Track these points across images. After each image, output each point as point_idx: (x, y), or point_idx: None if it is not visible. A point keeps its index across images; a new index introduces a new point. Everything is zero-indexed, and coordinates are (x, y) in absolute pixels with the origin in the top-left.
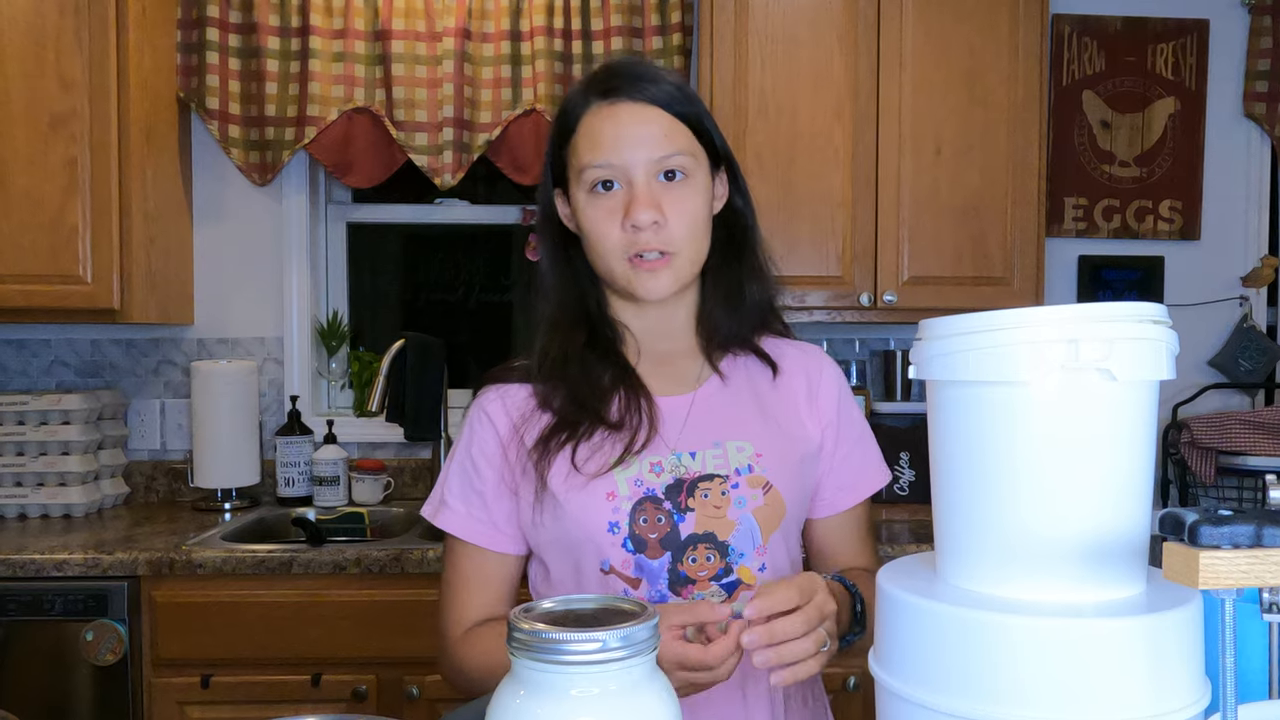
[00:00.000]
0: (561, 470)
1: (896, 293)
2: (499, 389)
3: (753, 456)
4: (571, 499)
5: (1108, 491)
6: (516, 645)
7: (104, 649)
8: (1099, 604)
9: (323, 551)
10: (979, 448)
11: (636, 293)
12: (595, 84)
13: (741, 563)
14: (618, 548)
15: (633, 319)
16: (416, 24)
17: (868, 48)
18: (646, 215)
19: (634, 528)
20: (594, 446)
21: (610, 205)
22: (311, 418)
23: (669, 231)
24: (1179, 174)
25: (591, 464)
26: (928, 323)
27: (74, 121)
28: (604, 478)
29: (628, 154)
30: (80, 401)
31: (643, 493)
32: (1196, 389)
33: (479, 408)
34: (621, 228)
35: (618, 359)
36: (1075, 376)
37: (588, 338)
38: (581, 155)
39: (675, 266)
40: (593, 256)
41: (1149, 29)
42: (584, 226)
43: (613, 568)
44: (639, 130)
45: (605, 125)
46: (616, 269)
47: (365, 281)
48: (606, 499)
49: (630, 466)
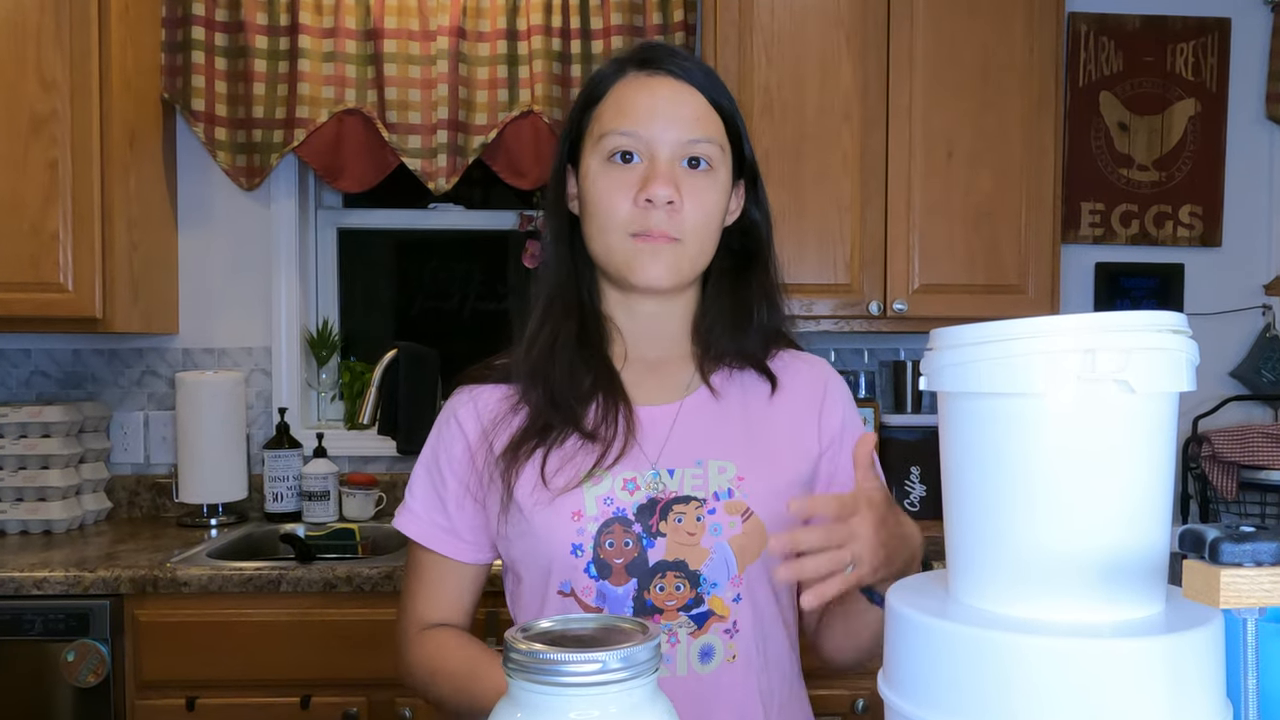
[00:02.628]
0: (529, 482)
1: (906, 301)
2: (471, 390)
3: (734, 480)
4: (536, 515)
5: (1125, 507)
6: (513, 666)
7: (85, 670)
8: (1116, 624)
9: (312, 569)
10: (992, 462)
11: (633, 277)
12: (633, 55)
13: (714, 593)
14: (579, 572)
15: (625, 317)
16: (409, 22)
17: (877, 47)
18: (664, 192)
19: (599, 551)
20: (565, 456)
21: (626, 178)
22: (301, 430)
23: (682, 217)
24: (1199, 178)
25: (560, 477)
26: (939, 332)
27: (54, 123)
28: (571, 495)
29: (657, 128)
30: (61, 414)
31: (611, 513)
32: (1217, 401)
33: (448, 410)
34: (634, 202)
35: (602, 360)
36: (1092, 388)
37: (575, 331)
38: (605, 121)
39: (677, 256)
40: (592, 232)
41: (1169, 28)
42: (591, 197)
43: (573, 591)
44: (673, 107)
45: (639, 94)
46: (616, 246)
47: (356, 289)
48: (572, 519)
49: (601, 482)
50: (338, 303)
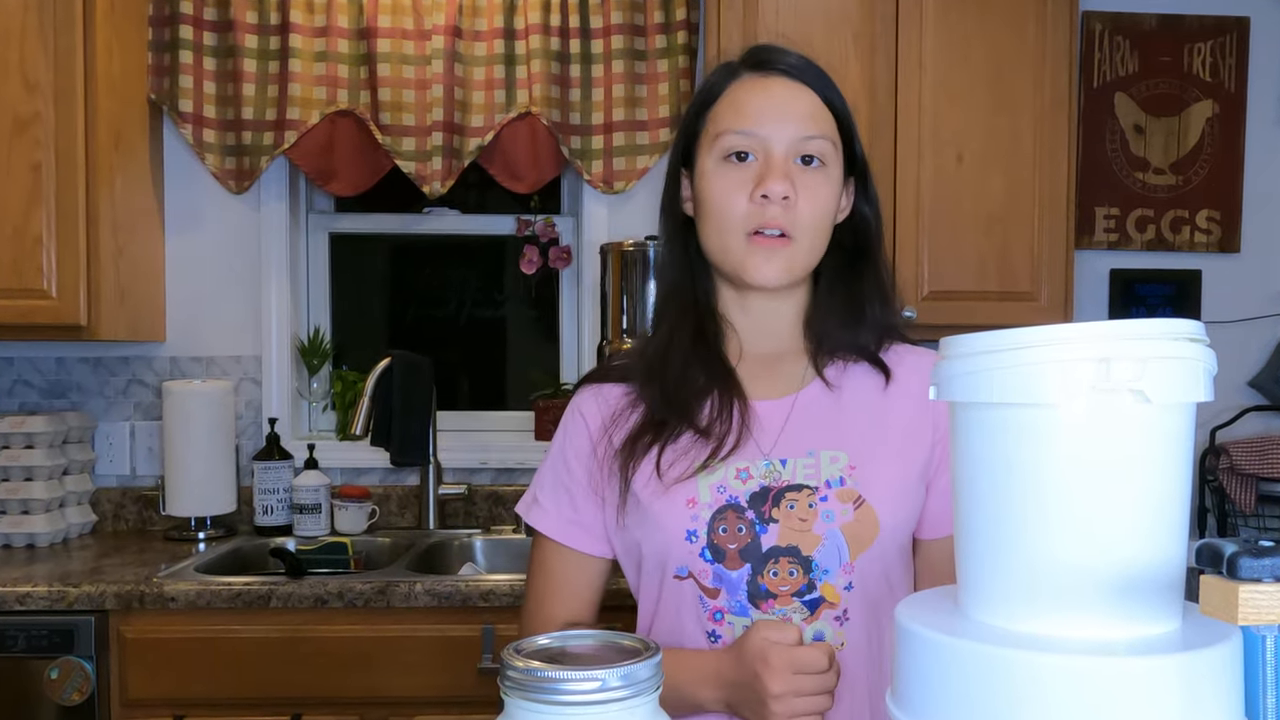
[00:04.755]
0: (645, 473)
1: (915, 308)
2: (594, 388)
3: (845, 469)
4: (653, 504)
5: (1141, 521)
6: (510, 684)
7: (70, 688)
8: (1131, 641)
9: (303, 584)
10: (1003, 474)
11: (747, 276)
12: (746, 59)
13: (826, 579)
14: (695, 556)
15: (739, 314)
16: (404, 21)
17: (885, 47)
18: (780, 187)
19: (712, 537)
20: (680, 450)
21: (741, 176)
22: (291, 441)
23: (797, 212)
24: (1217, 182)
25: (675, 469)
26: (949, 340)
27: (38, 125)
28: (685, 484)
29: (772, 126)
30: (44, 424)
31: (724, 500)
32: (1236, 411)
33: (574, 406)
34: (750, 199)
35: (718, 358)
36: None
37: (691, 330)
38: (721, 121)
39: (791, 254)
40: (708, 232)
41: (1185, 27)
42: (707, 196)
43: (690, 574)
44: (788, 105)
45: (754, 95)
46: (732, 245)
47: (349, 296)
48: (686, 505)
49: (715, 472)
50: (329, 310)
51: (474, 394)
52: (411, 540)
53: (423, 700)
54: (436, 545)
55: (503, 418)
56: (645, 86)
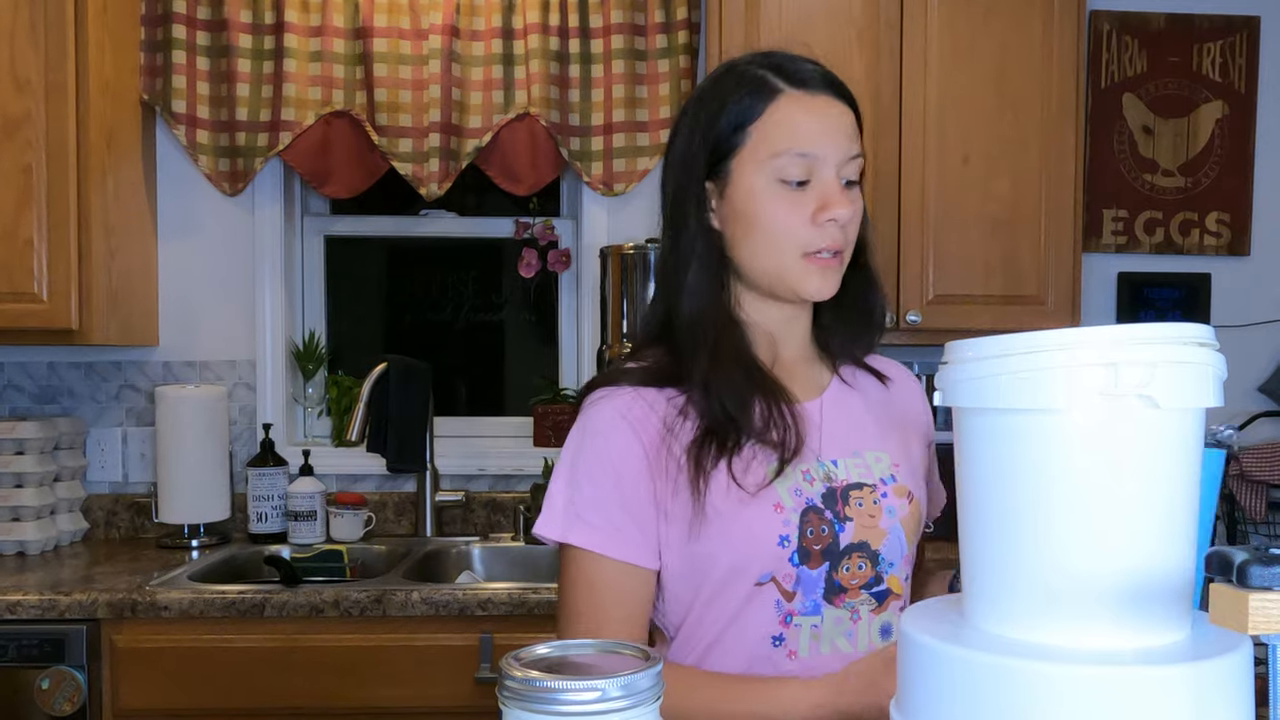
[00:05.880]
0: (719, 483)
1: (921, 312)
2: (634, 391)
3: (891, 466)
4: (739, 513)
5: (1150, 528)
6: (509, 694)
7: (61, 698)
8: (1140, 650)
9: (298, 593)
10: (1010, 481)
11: (804, 292)
12: (781, 71)
13: (891, 572)
14: (784, 561)
15: (764, 320)
16: (400, 20)
17: (889, 48)
18: (846, 212)
19: (802, 540)
20: (747, 457)
21: (800, 198)
22: (286, 447)
23: (849, 231)
24: (1227, 184)
25: (750, 476)
26: (955, 345)
27: (29, 126)
28: (767, 490)
29: (826, 148)
30: (35, 430)
31: (804, 503)
32: (1246, 417)
33: (614, 412)
34: (813, 221)
35: (759, 365)
36: (1115, 403)
37: (733, 339)
38: (775, 141)
39: (840, 268)
40: (759, 250)
41: (1195, 27)
42: (760, 216)
43: (774, 579)
44: (837, 126)
45: (808, 115)
46: (790, 265)
47: (344, 300)
48: (775, 511)
49: (787, 476)
50: (325, 314)
51: (471, 399)
52: (408, 548)
53: (419, 710)
54: (433, 553)
55: (501, 423)
56: (646, 87)
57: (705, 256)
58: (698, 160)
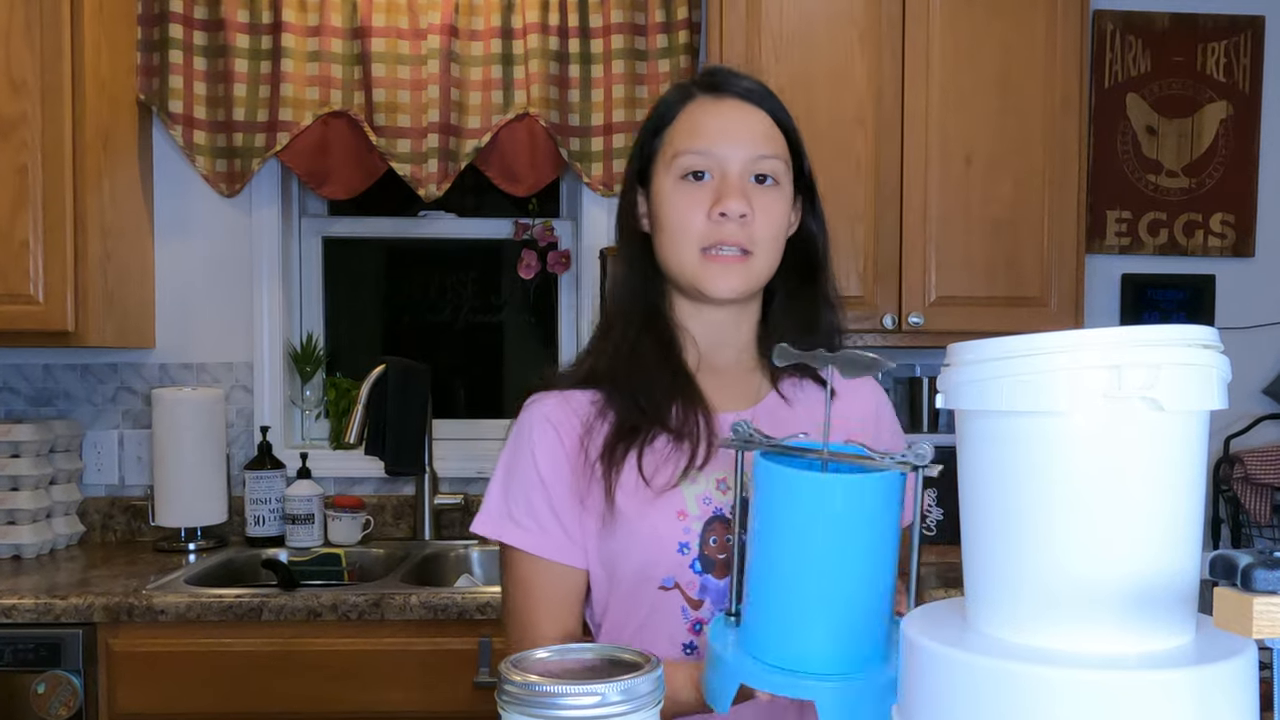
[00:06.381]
0: (629, 482)
1: (923, 314)
2: (560, 395)
3: None
4: (642, 514)
5: (1154, 532)
6: (508, 699)
7: (57, 703)
8: (1144, 654)
9: (296, 596)
10: (1013, 484)
11: (705, 288)
12: (699, 81)
13: None
14: (685, 568)
15: (696, 325)
16: (399, 20)
17: (892, 48)
18: (738, 205)
19: (704, 549)
20: (659, 457)
21: (698, 195)
22: (284, 450)
23: (753, 229)
24: (1231, 185)
25: (659, 476)
26: (957, 347)
27: (24, 127)
28: (673, 494)
29: (727, 147)
30: (31, 432)
31: (712, 511)
32: (1250, 420)
33: (540, 415)
34: (708, 216)
35: (680, 366)
36: (1118, 406)
37: (652, 339)
38: (677, 143)
39: (749, 268)
40: (667, 248)
41: (1199, 26)
42: (664, 214)
43: (677, 585)
44: (742, 126)
45: (709, 117)
46: (688, 260)
47: (342, 301)
48: (677, 518)
49: (697, 482)
50: (323, 315)
51: (470, 402)
52: (406, 551)
53: (417, 715)
54: (432, 556)
55: (500, 426)
56: (646, 87)
57: (636, 260)
58: (632, 168)
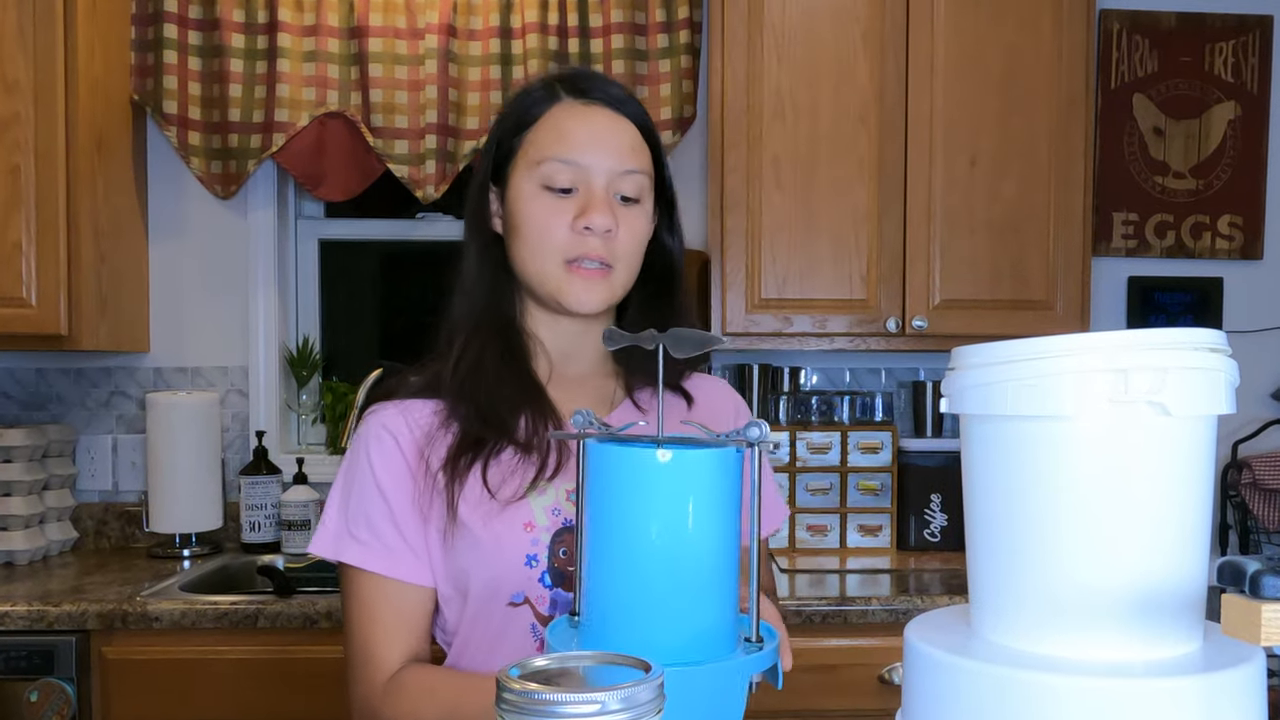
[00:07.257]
0: (473, 494)
1: (927, 318)
2: (399, 405)
3: None
4: (487, 527)
5: (1161, 538)
6: (506, 707)
7: (50, 711)
8: (1151, 662)
9: (292, 603)
10: (1018, 489)
11: (566, 302)
12: (565, 82)
13: None
14: (534, 582)
15: (549, 334)
16: (396, 20)
17: (895, 46)
18: (604, 220)
19: (553, 560)
20: (505, 469)
21: (562, 204)
22: (280, 455)
23: (617, 244)
24: (1239, 186)
25: (505, 488)
26: (961, 351)
27: (16, 127)
28: (519, 506)
29: (594, 157)
30: (24, 437)
31: (561, 523)
32: (1259, 424)
33: (380, 425)
34: (571, 228)
35: (528, 375)
36: (1125, 410)
37: (501, 348)
38: (543, 147)
39: (610, 282)
40: (524, 255)
41: (1206, 26)
42: (523, 221)
43: (527, 600)
44: (611, 138)
45: (577, 123)
46: (550, 271)
47: (339, 305)
48: (524, 530)
49: (545, 494)
50: (319, 319)
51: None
52: None
53: None
54: None
55: None
56: (646, 88)
57: (486, 262)
58: (486, 165)
